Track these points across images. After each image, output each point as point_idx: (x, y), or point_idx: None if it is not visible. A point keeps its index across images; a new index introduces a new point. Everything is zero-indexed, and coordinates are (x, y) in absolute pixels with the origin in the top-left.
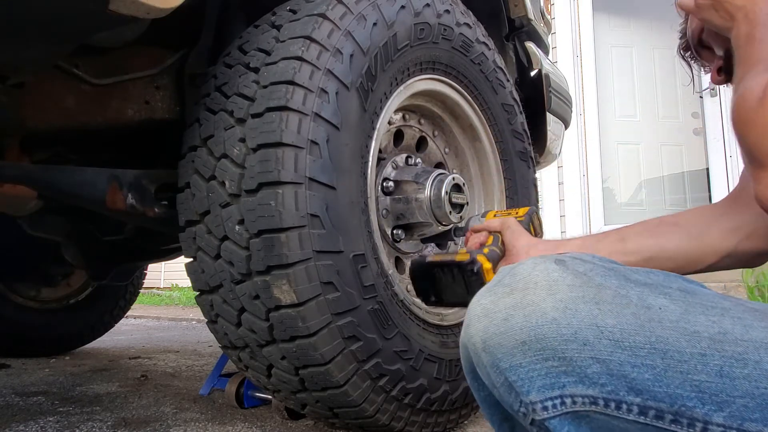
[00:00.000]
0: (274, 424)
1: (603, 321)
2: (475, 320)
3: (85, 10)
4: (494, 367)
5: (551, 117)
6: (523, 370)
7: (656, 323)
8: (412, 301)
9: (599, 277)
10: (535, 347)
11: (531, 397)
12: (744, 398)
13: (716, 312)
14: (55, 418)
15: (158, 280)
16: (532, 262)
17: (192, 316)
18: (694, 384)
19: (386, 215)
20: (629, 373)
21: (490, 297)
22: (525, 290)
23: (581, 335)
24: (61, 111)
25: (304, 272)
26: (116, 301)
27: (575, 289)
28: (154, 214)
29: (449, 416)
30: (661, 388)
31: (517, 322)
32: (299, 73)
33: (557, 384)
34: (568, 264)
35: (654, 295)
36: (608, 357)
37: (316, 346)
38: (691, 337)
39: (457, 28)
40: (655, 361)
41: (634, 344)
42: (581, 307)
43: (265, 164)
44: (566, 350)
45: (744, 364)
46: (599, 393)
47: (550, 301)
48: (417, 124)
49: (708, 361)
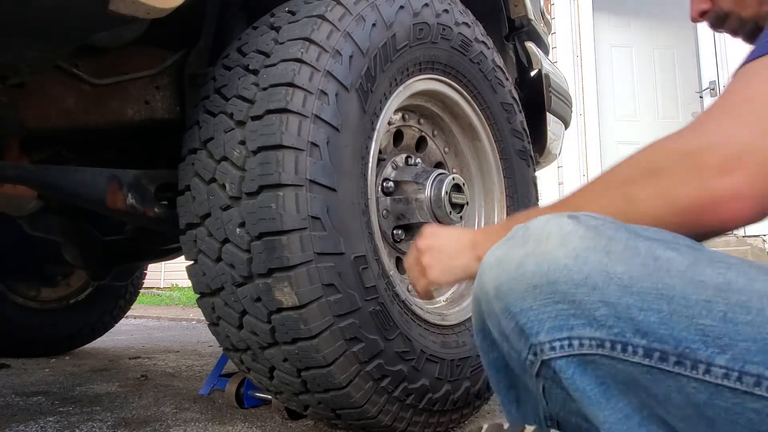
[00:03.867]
0: (274, 424)
1: (612, 268)
2: (488, 269)
3: (85, 10)
4: (505, 312)
5: (551, 117)
6: (534, 313)
7: (664, 272)
8: (413, 302)
9: (611, 230)
10: (546, 291)
11: (540, 338)
12: (746, 342)
13: (722, 265)
14: (55, 418)
15: (158, 280)
16: (546, 218)
17: (192, 316)
18: (699, 328)
19: (387, 216)
20: (636, 315)
21: (504, 248)
22: (538, 241)
23: (591, 280)
24: (61, 111)
25: (306, 274)
26: (116, 301)
27: (587, 240)
28: (153, 214)
29: (451, 416)
30: (666, 330)
31: (529, 268)
32: (299, 75)
33: (566, 326)
34: (581, 219)
35: (662, 248)
36: (616, 301)
37: (318, 348)
38: (697, 285)
39: (455, 28)
40: (661, 306)
41: (642, 290)
42: (592, 256)
43: (266, 167)
44: (576, 294)
45: (747, 311)
46: (606, 335)
47: (562, 250)
48: (416, 124)
49: (713, 308)
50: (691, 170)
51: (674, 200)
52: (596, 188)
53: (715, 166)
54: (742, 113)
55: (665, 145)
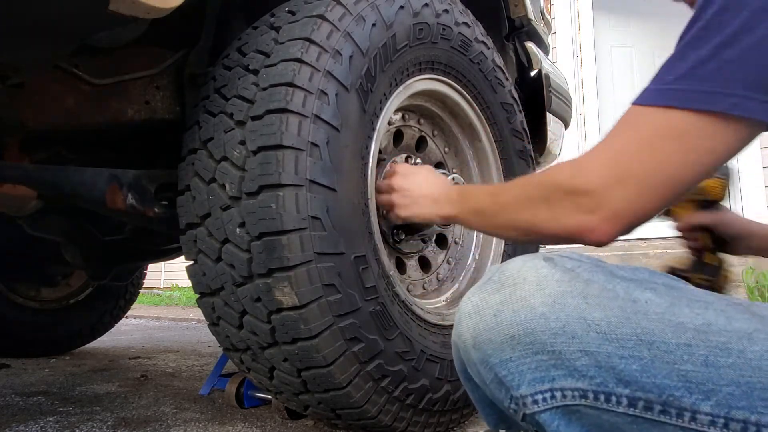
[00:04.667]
0: (274, 424)
1: (590, 314)
2: (465, 318)
3: (85, 10)
4: (484, 363)
5: (551, 117)
6: (513, 365)
7: (642, 315)
8: (413, 302)
9: (587, 273)
10: (525, 341)
11: (521, 391)
12: (729, 386)
13: (700, 305)
14: (55, 418)
15: (158, 280)
16: (522, 260)
17: (192, 316)
18: (681, 374)
19: (387, 216)
20: (617, 364)
21: (479, 294)
22: (514, 286)
23: (569, 328)
24: (61, 111)
25: (306, 274)
26: (116, 301)
27: (563, 284)
28: (153, 214)
29: (451, 416)
30: (648, 378)
31: (506, 317)
32: (299, 75)
33: (547, 377)
34: (557, 261)
35: (640, 290)
36: (596, 349)
37: (318, 348)
38: (676, 328)
39: (455, 28)
40: (642, 353)
41: (621, 336)
42: (569, 301)
43: (266, 167)
44: (555, 344)
45: (728, 354)
46: (588, 386)
47: (538, 296)
48: (416, 124)
49: (693, 351)
50: (570, 207)
51: (562, 224)
52: (509, 199)
53: (585, 207)
54: (610, 164)
55: (557, 179)
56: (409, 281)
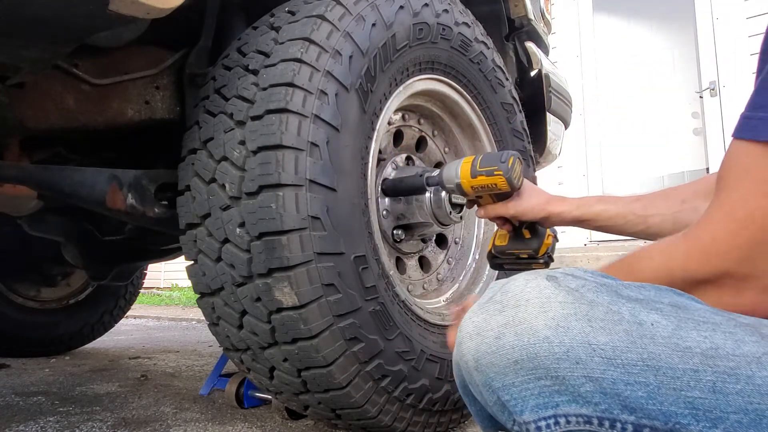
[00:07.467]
0: (274, 424)
1: (595, 338)
2: (467, 339)
3: (85, 10)
4: (487, 387)
5: (551, 117)
6: (516, 390)
7: (648, 339)
8: (413, 302)
9: (591, 293)
10: (528, 366)
11: (524, 417)
12: (737, 414)
13: (708, 327)
14: (55, 418)
15: (158, 280)
16: (524, 279)
17: (192, 316)
18: (688, 401)
19: (386, 216)
20: (622, 391)
21: (482, 315)
22: (516, 307)
23: (573, 353)
24: (61, 111)
25: (306, 274)
26: (116, 301)
27: (567, 306)
28: (154, 214)
29: (451, 416)
30: (654, 405)
31: (508, 340)
32: (299, 75)
33: (551, 403)
34: (560, 280)
35: (646, 311)
36: (601, 375)
37: (318, 348)
38: (683, 353)
39: (455, 28)
40: (648, 378)
41: (627, 361)
42: (573, 325)
43: (266, 167)
44: (559, 369)
45: (736, 380)
46: (593, 412)
47: (542, 319)
48: (416, 123)
49: (701, 377)
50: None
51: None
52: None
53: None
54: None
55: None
56: (409, 281)
